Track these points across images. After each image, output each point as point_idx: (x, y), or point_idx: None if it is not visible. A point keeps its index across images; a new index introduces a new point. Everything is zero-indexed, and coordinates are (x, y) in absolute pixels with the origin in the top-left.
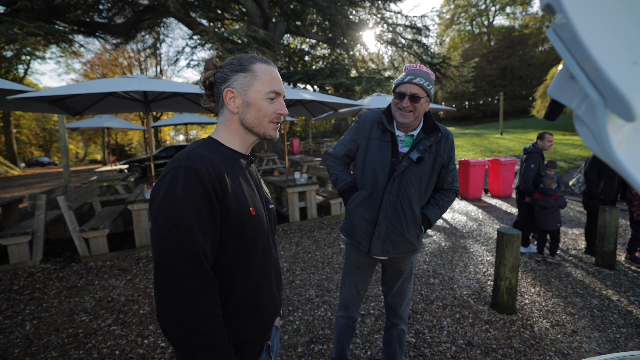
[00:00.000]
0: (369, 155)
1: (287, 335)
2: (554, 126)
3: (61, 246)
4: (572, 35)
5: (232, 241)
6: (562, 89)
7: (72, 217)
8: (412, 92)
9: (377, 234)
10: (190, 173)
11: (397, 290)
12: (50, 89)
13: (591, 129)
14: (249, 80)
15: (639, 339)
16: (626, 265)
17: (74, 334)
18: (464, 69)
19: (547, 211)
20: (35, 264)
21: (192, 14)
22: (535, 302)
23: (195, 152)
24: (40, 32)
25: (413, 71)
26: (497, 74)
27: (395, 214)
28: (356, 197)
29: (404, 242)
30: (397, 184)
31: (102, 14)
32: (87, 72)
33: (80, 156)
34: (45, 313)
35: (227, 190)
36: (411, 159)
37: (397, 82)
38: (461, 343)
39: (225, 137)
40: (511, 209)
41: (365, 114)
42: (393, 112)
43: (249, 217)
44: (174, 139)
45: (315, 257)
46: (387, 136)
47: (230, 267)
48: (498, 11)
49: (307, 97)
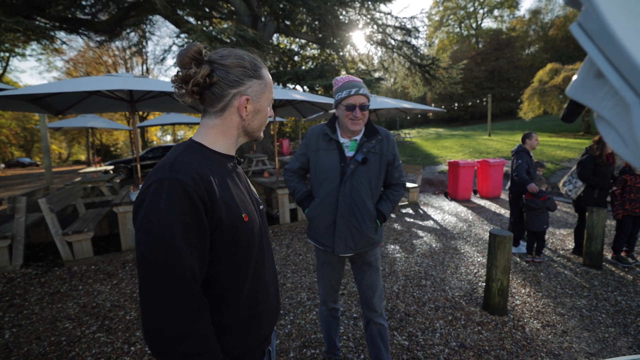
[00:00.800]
0: (319, 164)
1: (279, 339)
2: (540, 128)
3: (43, 250)
4: (602, 28)
5: (225, 251)
6: (585, 89)
7: (55, 220)
8: (361, 102)
9: (338, 233)
10: (174, 186)
11: (367, 283)
12: (29, 87)
13: (619, 132)
14: (262, 88)
15: (626, 338)
16: (612, 265)
17: (57, 342)
18: (452, 71)
19: (534, 212)
20: (15, 269)
21: (179, 11)
22: (526, 302)
23: (179, 160)
24: (19, 28)
25: (353, 83)
26: (485, 76)
27: (351, 212)
28: (314, 204)
29: (363, 238)
30: (348, 185)
31: (85, 10)
32: (70, 70)
33: (63, 157)
34: (26, 320)
35: (216, 200)
36: (357, 160)
37: (342, 96)
38: (454, 345)
39: (213, 140)
40: (500, 209)
41: (311, 129)
42: (343, 123)
43: (241, 224)
44: (161, 139)
45: (307, 260)
46: (332, 145)
47: (224, 277)
48: (486, 14)
49: (298, 98)
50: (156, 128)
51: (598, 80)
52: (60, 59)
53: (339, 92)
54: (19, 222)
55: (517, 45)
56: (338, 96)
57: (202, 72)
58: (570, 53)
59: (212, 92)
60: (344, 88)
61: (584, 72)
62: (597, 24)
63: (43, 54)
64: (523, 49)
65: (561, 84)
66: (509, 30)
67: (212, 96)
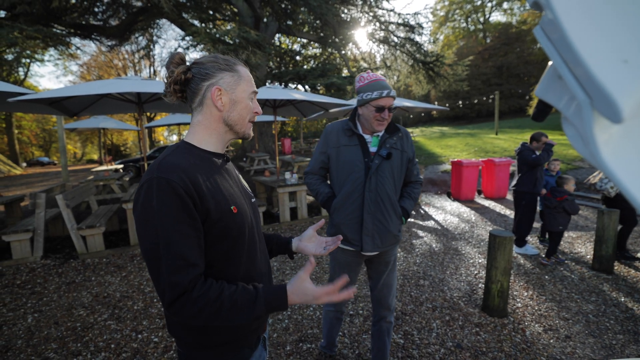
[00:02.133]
0: (341, 161)
1: (276, 333)
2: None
3: (60, 243)
4: (560, 33)
5: (217, 242)
6: (550, 89)
7: (70, 215)
8: (390, 104)
9: (365, 230)
10: (162, 184)
11: (384, 282)
12: (47, 91)
13: (578, 130)
14: (236, 79)
15: (636, 345)
16: (625, 270)
17: (72, 327)
18: (458, 68)
19: (550, 211)
20: (36, 260)
21: (184, 14)
22: (527, 305)
23: (167, 161)
24: (39, 36)
25: (382, 83)
26: (492, 72)
27: (377, 208)
28: (338, 202)
29: (389, 235)
30: (374, 181)
31: (97, 16)
32: (84, 74)
33: (78, 156)
34: (46, 307)
35: (204, 194)
36: (381, 155)
37: (373, 97)
38: (450, 345)
39: (200, 138)
40: (505, 210)
41: (329, 127)
42: (368, 122)
43: (231, 216)
44: (167, 139)
45: (305, 257)
46: (354, 140)
47: (218, 265)
48: (495, 7)
49: (298, 97)
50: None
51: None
52: (75, 64)
53: (368, 92)
54: (39, 217)
55: (528, 39)
56: (367, 96)
57: (178, 70)
58: None
59: (190, 88)
60: (374, 88)
61: (550, 73)
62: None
63: (60, 59)
64: (534, 43)
65: None
66: (519, 23)
67: (190, 92)
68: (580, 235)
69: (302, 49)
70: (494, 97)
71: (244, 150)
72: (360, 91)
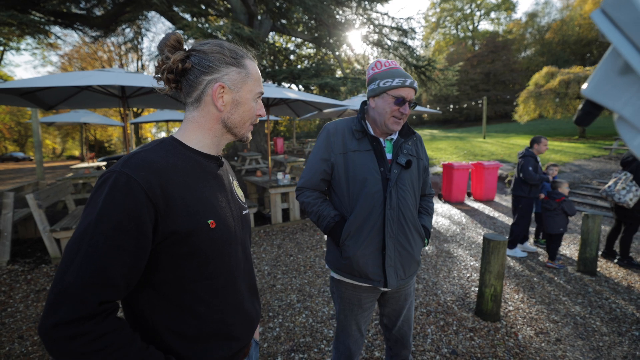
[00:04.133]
0: (351, 171)
1: (267, 343)
2: (535, 132)
3: (31, 246)
4: (634, 13)
5: (186, 257)
6: (604, 88)
7: (42, 217)
8: (411, 97)
9: (389, 260)
10: (120, 182)
11: (405, 318)
12: (18, 81)
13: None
14: (243, 77)
15: (621, 347)
16: (607, 272)
17: (39, 342)
18: (448, 73)
19: (549, 214)
20: (2, 265)
21: (175, 7)
22: (519, 309)
23: (140, 156)
24: (14, 22)
25: (401, 71)
26: (480, 79)
27: (401, 230)
28: (353, 226)
29: (413, 262)
30: (394, 195)
31: (81, 4)
32: (65, 65)
33: (57, 152)
34: (10, 319)
35: (174, 203)
36: (400, 164)
37: (393, 84)
38: (445, 352)
39: (192, 136)
40: (494, 212)
41: (330, 126)
42: (382, 119)
43: (206, 231)
44: (155, 135)
45: (297, 261)
46: (365, 144)
47: (188, 284)
48: (483, 16)
49: (292, 97)
50: (150, 125)
51: (624, 78)
52: (55, 54)
53: (387, 79)
54: (6, 218)
55: (513, 48)
56: (386, 83)
57: (175, 57)
58: (566, 57)
59: (187, 80)
60: (394, 75)
61: (606, 68)
62: (628, 10)
63: (38, 48)
64: (519, 52)
65: (557, 88)
66: (505, 33)
67: (187, 84)
68: (564, 237)
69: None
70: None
71: (235, 149)
72: (376, 78)
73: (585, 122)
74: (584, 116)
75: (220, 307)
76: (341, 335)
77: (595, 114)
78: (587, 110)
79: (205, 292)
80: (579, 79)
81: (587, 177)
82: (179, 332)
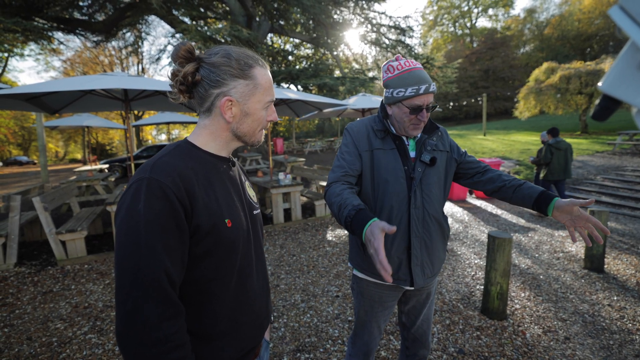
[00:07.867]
0: (376, 170)
1: (272, 343)
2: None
3: (37, 249)
4: None
5: (204, 257)
6: (623, 82)
7: (48, 219)
8: (429, 102)
9: (415, 259)
10: (153, 187)
11: (425, 316)
12: (24, 86)
13: None
14: (251, 89)
15: (632, 345)
16: (614, 268)
17: (48, 343)
18: (447, 70)
19: None
20: (9, 267)
21: (174, 11)
22: (525, 307)
23: (163, 161)
24: (18, 29)
25: (420, 75)
26: (479, 76)
27: (426, 229)
28: None
29: (438, 260)
30: (419, 194)
31: (82, 10)
32: (68, 70)
33: (60, 155)
34: (18, 320)
35: (196, 203)
36: (424, 161)
37: (407, 95)
38: (452, 351)
39: (204, 140)
40: (496, 210)
41: (352, 126)
42: (401, 125)
43: (223, 230)
44: (156, 138)
45: (300, 260)
46: (389, 143)
47: (205, 284)
48: (480, 13)
49: (292, 97)
50: (151, 127)
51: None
52: (58, 59)
53: (400, 89)
54: (13, 221)
55: (512, 44)
56: (399, 93)
57: (185, 70)
58: (566, 52)
59: (197, 92)
60: (407, 83)
61: (624, 62)
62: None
63: (41, 54)
64: (518, 48)
65: (557, 83)
66: (503, 29)
67: (198, 95)
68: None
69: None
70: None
71: (236, 150)
72: (389, 86)
73: (603, 117)
74: (602, 111)
75: (232, 306)
76: (360, 331)
77: (613, 108)
78: (604, 105)
79: (219, 291)
80: (580, 74)
81: (590, 172)
82: (192, 331)
